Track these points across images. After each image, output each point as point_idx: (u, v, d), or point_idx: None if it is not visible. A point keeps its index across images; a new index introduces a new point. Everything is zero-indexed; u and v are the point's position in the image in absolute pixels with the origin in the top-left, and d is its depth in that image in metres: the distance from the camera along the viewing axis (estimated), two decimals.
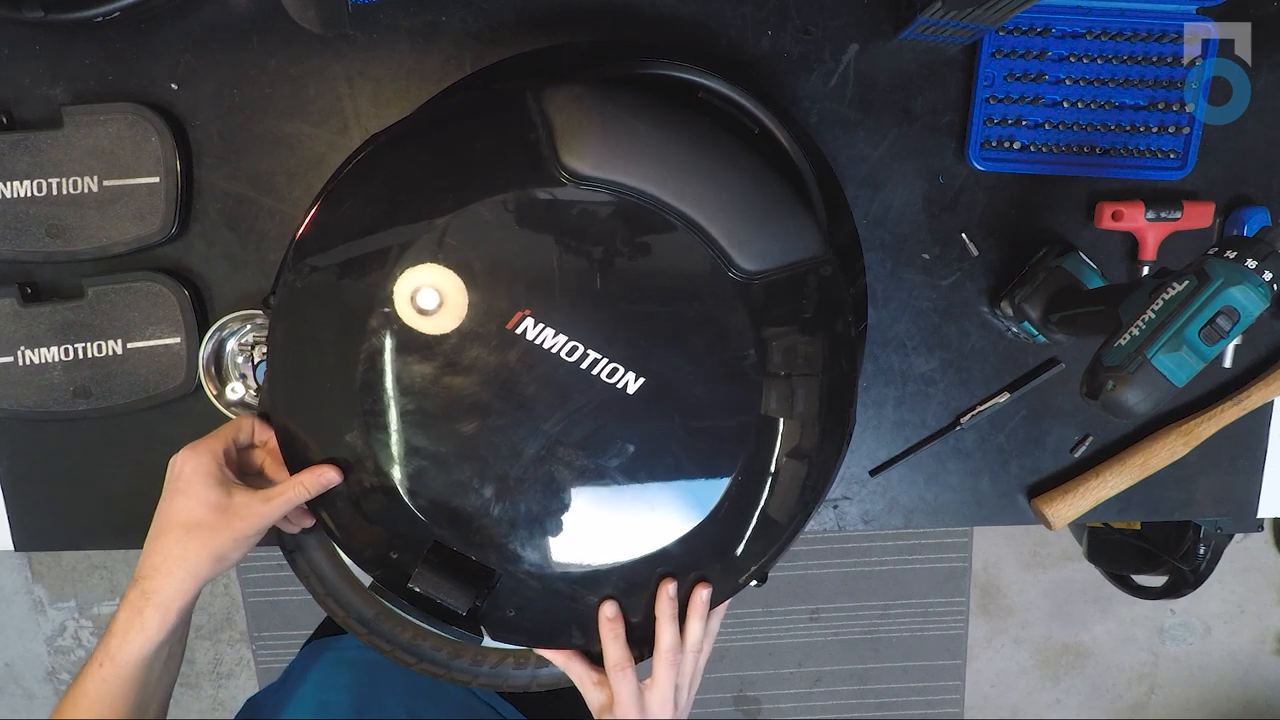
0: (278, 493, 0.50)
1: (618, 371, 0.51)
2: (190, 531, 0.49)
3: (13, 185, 0.63)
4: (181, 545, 0.49)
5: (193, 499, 0.49)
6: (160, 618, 0.48)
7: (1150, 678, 1.87)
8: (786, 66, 0.67)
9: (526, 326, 0.50)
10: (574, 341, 0.50)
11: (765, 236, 0.52)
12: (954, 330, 0.71)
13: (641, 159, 0.51)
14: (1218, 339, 0.48)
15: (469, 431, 0.51)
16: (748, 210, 0.52)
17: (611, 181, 0.50)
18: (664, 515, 0.52)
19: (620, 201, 0.51)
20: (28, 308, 0.65)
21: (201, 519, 0.49)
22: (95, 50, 0.64)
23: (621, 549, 0.53)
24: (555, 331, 0.50)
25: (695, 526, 0.52)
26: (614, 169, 0.50)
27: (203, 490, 0.49)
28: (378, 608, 0.60)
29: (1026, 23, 0.66)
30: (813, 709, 1.79)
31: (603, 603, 0.53)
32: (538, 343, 0.50)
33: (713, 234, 0.51)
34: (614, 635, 0.52)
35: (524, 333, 0.50)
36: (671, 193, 0.51)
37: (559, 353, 0.50)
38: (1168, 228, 0.68)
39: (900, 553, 1.74)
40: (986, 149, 0.68)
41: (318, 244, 0.51)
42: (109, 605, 1.68)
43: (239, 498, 0.50)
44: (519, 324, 0.50)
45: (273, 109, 0.65)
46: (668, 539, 0.53)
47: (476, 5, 0.65)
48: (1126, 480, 0.72)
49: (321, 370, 0.52)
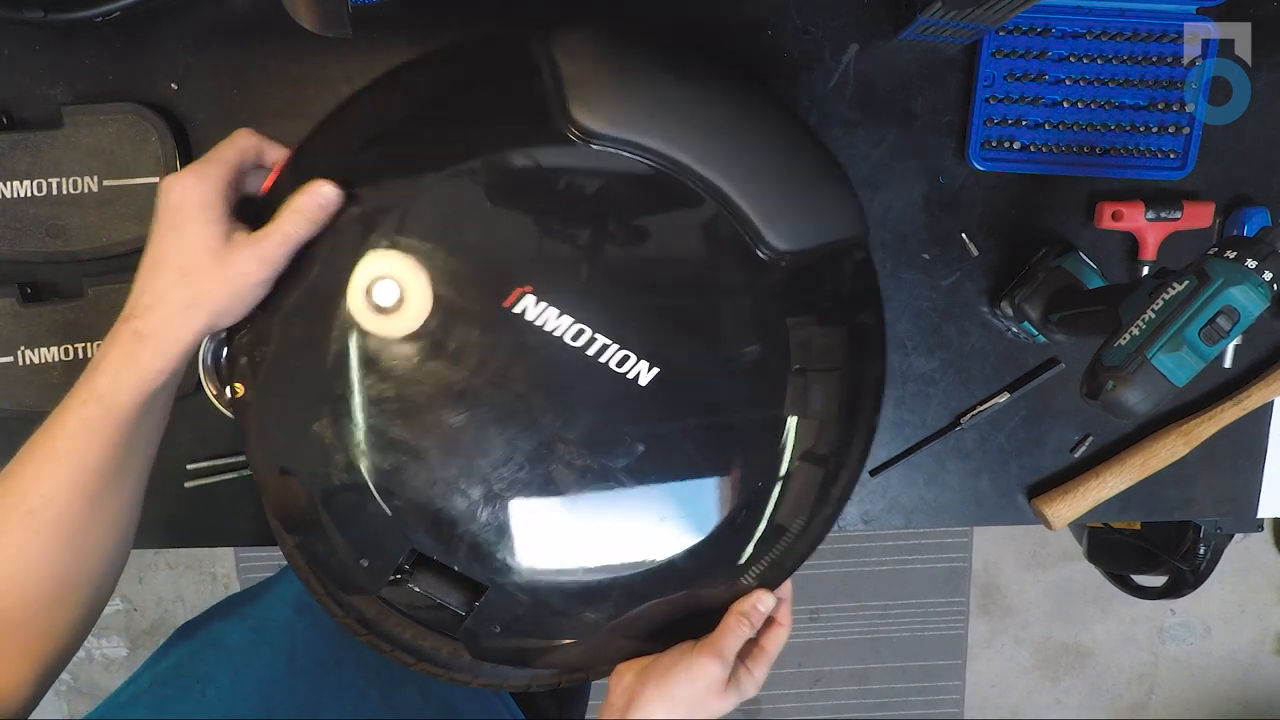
0: (271, 229, 0.42)
1: (629, 360, 0.45)
2: (186, 276, 0.42)
3: (13, 185, 0.63)
4: (176, 290, 0.42)
5: (187, 237, 0.42)
6: (160, 361, 0.42)
7: (1150, 678, 1.87)
8: (786, 66, 0.67)
9: (526, 305, 0.44)
10: (580, 324, 0.44)
11: (800, 211, 0.46)
12: (954, 330, 0.71)
13: (663, 117, 0.44)
14: (1218, 339, 0.48)
15: (455, 423, 0.45)
16: (782, 180, 0.46)
17: (628, 141, 0.43)
18: (675, 523, 0.47)
19: (637, 165, 0.44)
20: (28, 308, 0.65)
21: (196, 263, 0.42)
22: (95, 50, 0.64)
23: (625, 560, 0.47)
24: (559, 312, 0.44)
25: (708, 536, 0.47)
26: (632, 127, 0.43)
27: (198, 228, 0.42)
28: (378, 608, 0.59)
29: (1026, 23, 0.66)
30: (813, 709, 1.79)
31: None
32: (539, 324, 0.44)
33: (741, 206, 0.44)
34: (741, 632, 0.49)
35: (523, 312, 0.44)
36: (696, 157, 0.44)
37: (563, 336, 0.44)
38: (1168, 228, 0.68)
39: (900, 553, 1.74)
40: (986, 149, 0.68)
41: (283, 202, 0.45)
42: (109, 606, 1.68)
43: (237, 241, 0.43)
44: (517, 302, 0.44)
45: (273, 109, 0.65)
46: (678, 549, 0.47)
47: (476, 5, 0.65)
48: (1126, 480, 0.72)
49: (286, 348, 0.45)
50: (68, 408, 0.44)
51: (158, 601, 1.72)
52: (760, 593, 0.50)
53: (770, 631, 0.52)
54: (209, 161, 0.44)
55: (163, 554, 1.69)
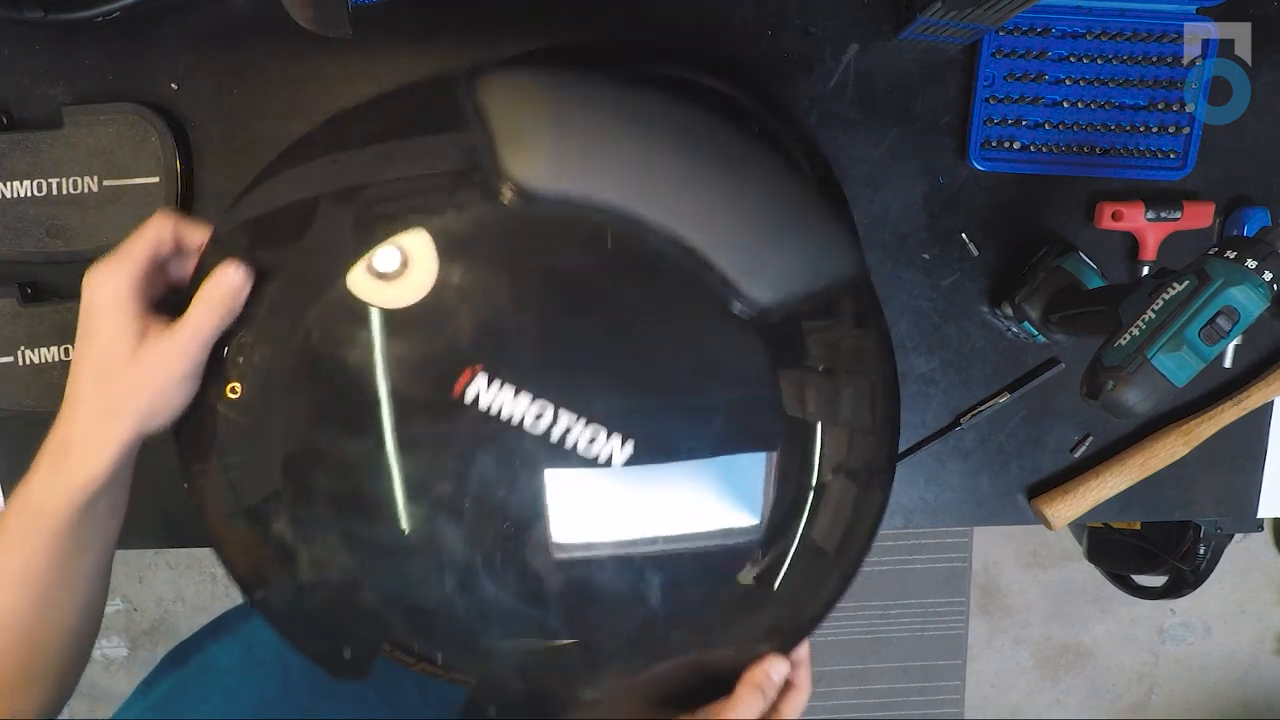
0: (183, 323, 0.40)
1: (597, 441, 0.40)
2: (104, 380, 0.40)
3: (13, 185, 0.63)
4: (96, 396, 0.40)
5: (102, 338, 0.40)
6: (86, 470, 0.40)
7: (1150, 678, 1.87)
8: (786, 66, 0.67)
9: (479, 388, 0.39)
10: (541, 400, 0.39)
11: (782, 258, 0.41)
12: (954, 330, 0.71)
13: (610, 166, 0.39)
14: (1218, 339, 0.48)
15: (416, 521, 0.41)
16: (759, 224, 0.41)
17: (572, 199, 0.39)
18: (665, 605, 0.43)
19: (585, 222, 0.39)
20: (28, 308, 0.65)
21: (111, 366, 0.40)
22: (95, 50, 0.64)
23: (615, 642, 0.44)
24: (516, 390, 0.39)
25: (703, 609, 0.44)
26: (573, 181, 0.39)
27: (110, 329, 0.40)
28: None
29: (1026, 23, 0.66)
30: (813, 709, 1.78)
31: None
32: (493, 409, 0.39)
33: (711, 259, 0.39)
34: None
35: (476, 397, 0.39)
36: (653, 209, 0.38)
37: (523, 418, 0.39)
38: (1168, 228, 0.68)
39: (900, 553, 1.73)
40: (986, 149, 0.68)
41: None
42: (109, 606, 1.68)
43: (151, 338, 0.40)
44: (469, 384, 0.39)
45: (273, 109, 0.65)
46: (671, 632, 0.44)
47: (476, 5, 0.65)
48: (1126, 480, 0.72)
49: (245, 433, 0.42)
50: (8, 511, 0.42)
51: (158, 601, 1.72)
52: (773, 659, 0.46)
53: (788, 697, 0.48)
54: (121, 257, 0.41)
55: (163, 554, 1.69)
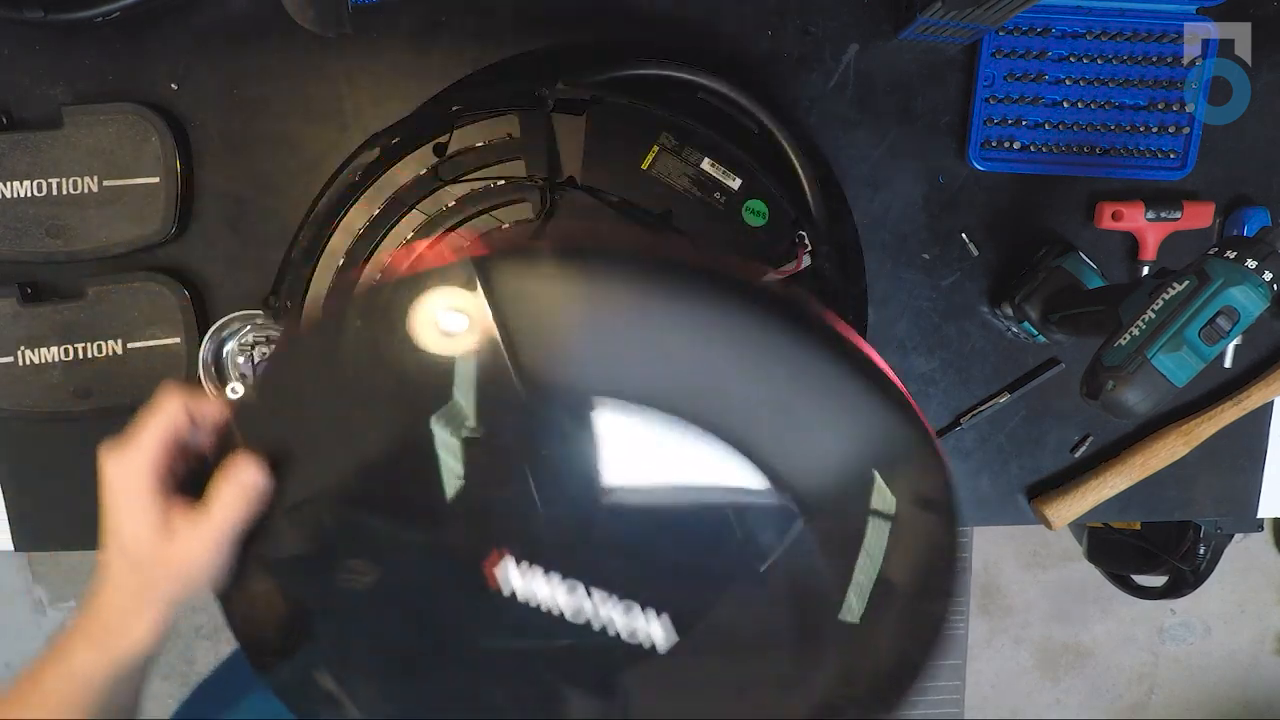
0: (208, 518, 0.39)
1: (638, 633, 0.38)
2: (135, 570, 0.40)
3: (13, 185, 0.63)
4: (132, 577, 0.40)
5: (125, 530, 0.40)
6: (128, 643, 0.40)
7: (1150, 678, 1.87)
8: (786, 66, 0.67)
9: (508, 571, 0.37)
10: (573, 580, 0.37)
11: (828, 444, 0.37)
12: (954, 330, 0.71)
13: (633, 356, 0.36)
14: (1218, 339, 0.48)
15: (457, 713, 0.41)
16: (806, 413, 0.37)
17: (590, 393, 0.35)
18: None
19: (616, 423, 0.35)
20: (28, 308, 0.65)
21: (140, 557, 0.40)
22: (95, 50, 0.64)
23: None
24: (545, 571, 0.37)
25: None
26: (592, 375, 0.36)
27: (132, 522, 0.39)
28: None
29: (1026, 23, 0.66)
30: None
31: None
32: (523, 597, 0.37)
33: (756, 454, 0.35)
34: None
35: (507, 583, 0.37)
36: (686, 410, 0.35)
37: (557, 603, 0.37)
38: (1168, 228, 0.68)
39: None
40: (986, 149, 0.68)
41: None
42: None
43: (176, 527, 0.40)
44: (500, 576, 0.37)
45: (273, 109, 0.65)
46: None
47: (476, 5, 0.65)
48: (1126, 480, 0.72)
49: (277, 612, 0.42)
50: (45, 674, 0.41)
51: None
52: None
53: None
54: (135, 443, 0.40)
55: None
